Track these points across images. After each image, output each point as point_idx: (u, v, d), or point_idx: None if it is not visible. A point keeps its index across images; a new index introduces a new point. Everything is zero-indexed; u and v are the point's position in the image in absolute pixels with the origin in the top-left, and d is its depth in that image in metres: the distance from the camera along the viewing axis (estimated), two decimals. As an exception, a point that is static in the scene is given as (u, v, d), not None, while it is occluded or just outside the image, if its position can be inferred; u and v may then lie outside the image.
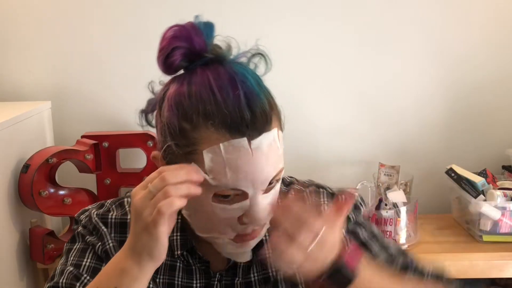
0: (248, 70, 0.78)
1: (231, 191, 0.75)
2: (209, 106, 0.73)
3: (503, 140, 1.93)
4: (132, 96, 1.88)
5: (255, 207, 0.76)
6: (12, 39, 1.87)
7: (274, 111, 0.78)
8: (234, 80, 0.74)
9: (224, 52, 0.79)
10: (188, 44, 0.77)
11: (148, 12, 1.85)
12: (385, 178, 1.74)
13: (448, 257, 1.59)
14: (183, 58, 0.77)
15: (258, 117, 0.73)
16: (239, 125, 0.72)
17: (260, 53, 0.81)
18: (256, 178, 0.74)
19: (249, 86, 0.74)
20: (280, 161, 0.77)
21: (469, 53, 1.89)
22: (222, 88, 0.73)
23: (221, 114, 0.72)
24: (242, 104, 0.72)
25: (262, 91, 0.77)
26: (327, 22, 1.87)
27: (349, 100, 1.92)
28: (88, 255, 0.87)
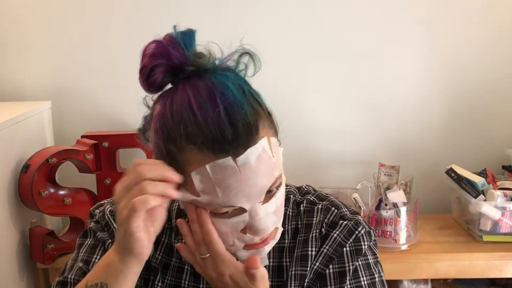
0: (230, 77, 0.76)
1: (225, 209, 0.75)
2: (190, 128, 0.71)
3: (503, 140, 1.93)
4: (132, 96, 1.88)
5: (256, 219, 0.75)
6: (12, 39, 1.87)
7: (262, 118, 0.75)
8: (213, 95, 0.72)
9: (205, 62, 0.76)
10: (167, 60, 0.76)
11: (148, 12, 1.85)
12: (385, 178, 1.74)
13: (448, 257, 1.59)
14: (164, 75, 0.77)
15: (241, 132, 0.71)
16: (222, 144, 0.70)
17: (247, 52, 0.79)
18: (248, 194, 0.73)
19: (229, 99, 0.72)
20: (274, 169, 0.75)
21: (469, 53, 1.89)
22: (202, 107, 0.71)
23: (203, 135, 0.71)
24: (222, 122, 0.70)
25: (246, 99, 0.74)
26: (327, 22, 1.87)
27: (349, 100, 1.92)
28: (98, 252, 0.88)
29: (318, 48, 1.88)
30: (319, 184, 1.84)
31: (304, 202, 0.92)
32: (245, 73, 0.80)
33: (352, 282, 0.85)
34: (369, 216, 1.62)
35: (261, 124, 0.74)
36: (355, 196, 1.68)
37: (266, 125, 0.76)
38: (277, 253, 0.89)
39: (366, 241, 0.88)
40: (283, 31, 1.84)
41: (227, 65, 0.79)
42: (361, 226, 0.88)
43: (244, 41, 0.79)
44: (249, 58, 0.79)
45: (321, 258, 0.87)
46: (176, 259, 0.89)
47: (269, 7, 1.85)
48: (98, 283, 0.75)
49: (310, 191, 0.95)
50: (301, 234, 0.89)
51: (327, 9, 1.86)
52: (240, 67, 0.79)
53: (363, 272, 0.86)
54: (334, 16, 1.87)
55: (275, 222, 0.78)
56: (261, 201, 0.76)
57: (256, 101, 0.77)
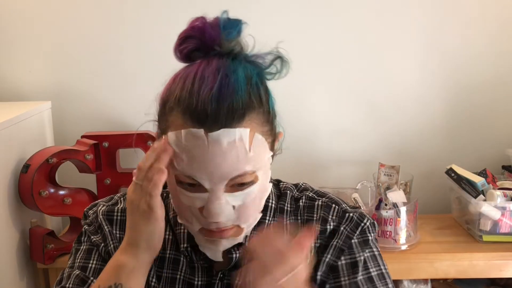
0: (246, 68, 0.78)
1: (187, 178, 0.77)
2: (184, 93, 0.76)
3: (503, 140, 1.93)
4: (132, 96, 1.89)
5: (212, 203, 0.76)
6: (12, 39, 1.87)
7: (254, 112, 0.76)
8: (218, 72, 0.75)
9: (231, 47, 0.79)
10: (201, 35, 0.79)
11: (148, 12, 1.85)
12: (385, 178, 1.74)
13: (448, 257, 1.59)
14: (193, 47, 0.80)
15: (223, 111, 0.73)
16: (201, 116, 0.73)
17: (280, 56, 0.82)
18: (210, 172, 0.75)
19: (230, 80, 0.75)
20: (246, 162, 0.76)
21: (469, 54, 1.89)
22: (202, 78, 0.75)
23: (189, 102, 0.74)
24: (211, 96, 0.73)
25: (248, 89, 0.76)
26: (327, 22, 1.87)
27: (349, 100, 1.92)
28: (94, 257, 0.89)
29: (318, 48, 1.88)
30: (319, 184, 1.83)
31: (303, 198, 0.93)
32: (273, 76, 0.83)
33: (364, 273, 0.87)
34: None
35: (249, 115, 0.76)
36: (355, 196, 1.68)
37: (257, 120, 0.77)
38: None
39: (372, 233, 0.90)
40: (283, 31, 1.84)
41: (256, 60, 0.81)
42: (365, 218, 0.90)
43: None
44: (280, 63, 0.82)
45: (332, 251, 0.88)
46: (171, 251, 0.89)
47: (269, 7, 1.85)
48: (111, 285, 0.77)
49: (308, 188, 0.96)
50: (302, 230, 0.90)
51: (327, 9, 1.86)
52: (271, 70, 0.82)
53: (371, 264, 0.88)
54: (334, 16, 1.87)
55: (232, 217, 0.79)
56: (223, 187, 0.76)
57: (259, 94, 0.78)
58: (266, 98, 0.80)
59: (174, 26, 0.85)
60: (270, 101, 0.81)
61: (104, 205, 0.94)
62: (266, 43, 0.83)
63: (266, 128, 0.79)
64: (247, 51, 0.82)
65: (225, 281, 0.88)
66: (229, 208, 0.78)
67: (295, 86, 1.88)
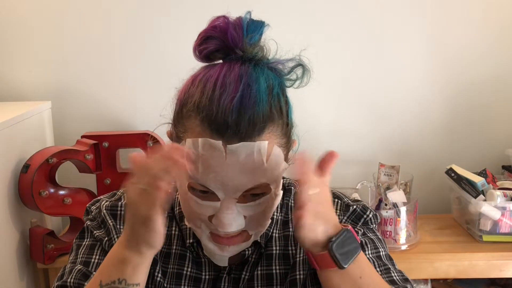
0: (268, 76, 0.77)
1: (200, 186, 0.76)
2: (204, 99, 0.74)
3: (503, 140, 1.93)
4: (132, 96, 1.89)
5: (223, 213, 0.76)
6: (12, 39, 1.87)
7: (274, 124, 0.76)
8: (240, 80, 0.74)
9: (254, 53, 0.78)
10: (223, 37, 0.78)
11: (149, 12, 1.85)
12: (385, 178, 1.74)
13: (448, 257, 1.59)
14: (214, 49, 0.78)
15: (244, 123, 0.72)
16: (220, 127, 0.72)
17: (301, 64, 0.81)
18: (225, 184, 0.74)
19: (252, 90, 0.73)
20: (262, 175, 0.75)
21: (469, 54, 1.89)
22: (224, 86, 0.74)
23: (210, 110, 0.72)
24: (232, 106, 0.72)
25: (269, 100, 0.75)
26: (327, 22, 1.87)
27: (349, 100, 1.92)
28: (97, 252, 0.88)
29: (318, 47, 1.88)
30: (319, 184, 1.84)
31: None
32: (293, 83, 0.82)
33: (373, 252, 0.87)
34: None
35: (269, 128, 0.75)
36: (355, 196, 1.68)
37: (276, 133, 0.76)
38: (282, 241, 0.89)
39: (374, 223, 0.91)
40: (283, 30, 1.84)
41: (277, 66, 0.80)
42: (368, 210, 0.91)
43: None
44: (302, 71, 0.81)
45: None
46: (177, 247, 0.89)
47: (268, 7, 1.85)
48: (115, 280, 0.75)
49: None
50: None
51: (327, 9, 1.86)
52: (291, 76, 0.81)
53: (379, 244, 0.89)
54: (334, 15, 1.87)
55: (242, 224, 0.78)
56: (236, 197, 0.76)
57: (279, 105, 0.77)
58: (286, 109, 0.80)
59: (175, 26, 0.85)
60: (290, 112, 0.81)
61: (107, 201, 0.93)
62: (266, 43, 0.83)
63: (284, 140, 0.79)
64: (269, 56, 0.80)
65: (233, 275, 0.88)
66: (240, 219, 0.77)
67: (295, 86, 1.88)
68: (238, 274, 0.88)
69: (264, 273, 0.88)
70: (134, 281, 0.75)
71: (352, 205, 0.91)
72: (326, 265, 0.74)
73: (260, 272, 0.88)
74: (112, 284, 0.75)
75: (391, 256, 0.90)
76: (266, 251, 0.88)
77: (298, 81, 0.82)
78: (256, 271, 0.88)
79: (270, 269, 0.88)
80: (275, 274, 0.88)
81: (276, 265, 0.88)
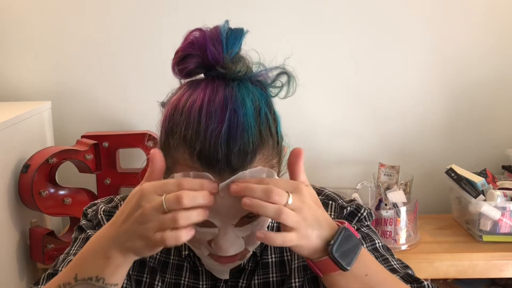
0: (253, 94, 0.74)
1: None
2: (190, 131, 0.70)
3: (503, 140, 1.93)
4: (132, 96, 1.89)
5: (222, 238, 0.74)
6: (12, 39, 1.87)
7: (264, 147, 0.73)
8: (225, 108, 0.70)
9: (237, 69, 0.74)
10: (202, 54, 0.74)
11: (148, 12, 1.85)
12: (385, 178, 1.74)
13: (448, 257, 1.59)
14: (195, 66, 0.75)
15: (234, 156, 0.69)
16: (210, 161, 0.69)
17: (286, 72, 0.78)
18: (222, 215, 0.73)
19: (238, 117, 0.70)
20: None
21: (469, 54, 1.89)
22: (209, 116, 0.70)
23: (198, 144, 0.70)
24: (220, 139, 0.69)
25: (257, 123, 0.72)
26: (327, 22, 1.87)
27: (349, 100, 1.92)
28: None
29: (318, 47, 1.88)
30: (319, 184, 1.82)
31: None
32: (278, 92, 0.78)
33: (369, 245, 0.87)
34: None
35: (260, 153, 0.72)
36: (355, 196, 1.68)
37: (267, 154, 0.74)
38: (278, 249, 0.89)
39: (369, 221, 0.91)
40: (283, 31, 1.84)
41: (261, 79, 0.77)
42: (362, 209, 0.90)
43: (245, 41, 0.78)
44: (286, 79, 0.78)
45: None
46: (175, 257, 0.89)
47: (269, 7, 1.85)
48: (92, 277, 0.71)
49: None
50: None
51: (327, 9, 1.86)
52: (276, 84, 0.78)
53: (374, 236, 0.89)
54: (335, 15, 1.87)
55: (241, 246, 0.76)
56: (233, 224, 0.74)
57: (268, 126, 0.74)
58: (275, 127, 0.76)
59: (175, 26, 0.84)
60: (278, 128, 0.78)
61: (104, 205, 0.93)
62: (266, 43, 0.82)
63: (275, 160, 0.77)
64: (252, 68, 0.77)
65: (230, 283, 0.88)
66: (239, 242, 0.76)
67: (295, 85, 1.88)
68: (235, 282, 0.88)
69: (261, 281, 0.88)
70: (113, 281, 0.71)
71: (346, 207, 0.90)
72: (329, 270, 0.72)
73: (257, 281, 0.87)
74: (88, 280, 0.71)
75: (388, 247, 0.90)
76: (262, 260, 0.88)
77: (284, 88, 0.78)
78: (253, 279, 0.87)
79: (267, 277, 0.88)
80: (271, 282, 0.87)
81: (273, 273, 0.87)
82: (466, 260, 1.59)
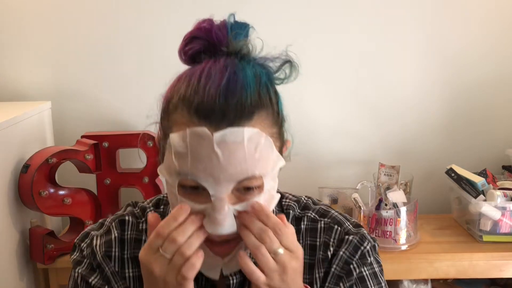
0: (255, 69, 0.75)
1: (190, 181, 0.72)
2: (189, 90, 0.72)
3: (503, 140, 1.93)
4: (132, 96, 1.89)
5: (217, 211, 0.71)
6: (12, 39, 1.87)
7: (263, 111, 0.73)
8: (226, 69, 0.72)
9: (239, 47, 0.76)
10: (208, 36, 0.76)
11: (149, 12, 1.85)
12: (385, 178, 1.74)
13: (448, 257, 1.59)
14: (200, 48, 0.76)
15: (231, 108, 0.69)
16: (207, 113, 0.69)
17: (289, 60, 0.79)
18: (216, 176, 0.70)
19: (238, 77, 0.71)
20: (254, 165, 0.71)
21: (469, 54, 1.89)
22: (209, 75, 0.72)
23: (195, 100, 0.71)
24: (218, 92, 0.70)
25: (257, 87, 0.72)
26: (328, 23, 1.87)
27: (350, 100, 1.92)
28: None
29: (318, 48, 1.88)
30: (319, 184, 1.84)
31: (305, 219, 0.89)
32: (282, 81, 0.80)
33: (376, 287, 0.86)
34: (369, 216, 1.62)
35: (258, 114, 0.72)
36: (355, 196, 1.68)
37: (266, 121, 0.73)
38: None
39: (372, 255, 0.87)
40: (283, 31, 1.84)
41: (264, 63, 0.78)
42: (366, 241, 0.86)
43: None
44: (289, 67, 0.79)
45: (330, 278, 0.86)
46: None
47: (269, 7, 1.85)
48: None
49: (310, 206, 0.91)
50: (306, 257, 0.86)
51: (327, 9, 1.86)
52: (280, 75, 0.79)
53: (371, 282, 0.86)
54: (334, 15, 1.87)
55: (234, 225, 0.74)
56: (228, 193, 0.72)
57: (268, 94, 0.75)
58: (276, 100, 0.76)
59: (175, 27, 0.85)
60: (280, 103, 0.78)
61: (97, 237, 0.87)
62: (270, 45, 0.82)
63: (274, 130, 0.75)
64: (256, 53, 0.78)
65: None
66: (232, 219, 0.73)
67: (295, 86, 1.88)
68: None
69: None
70: None
71: (350, 234, 0.86)
72: None
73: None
74: None
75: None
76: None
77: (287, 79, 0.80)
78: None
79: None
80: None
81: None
82: (466, 260, 1.59)
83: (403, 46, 1.89)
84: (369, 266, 0.86)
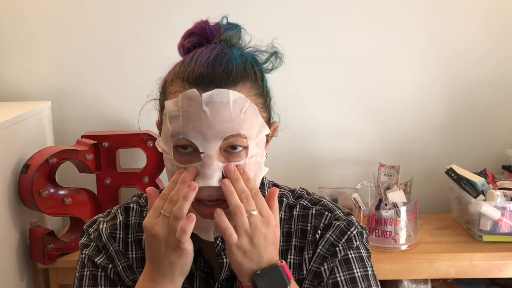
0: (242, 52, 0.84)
1: (181, 140, 0.78)
2: (182, 66, 0.82)
3: (503, 140, 1.93)
4: (132, 96, 1.89)
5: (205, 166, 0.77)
6: (13, 39, 1.87)
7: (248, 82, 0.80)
8: (215, 49, 0.81)
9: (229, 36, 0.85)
10: (202, 31, 0.86)
11: (149, 12, 1.85)
12: (385, 178, 1.74)
13: (448, 257, 1.59)
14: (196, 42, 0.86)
15: (218, 73, 0.78)
16: (197, 78, 0.78)
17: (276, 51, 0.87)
18: (204, 133, 0.77)
19: (225, 53, 0.80)
20: (240, 125, 0.78)
21: (469, 54, 1.89)
22: (201, 54, 0.81)
23: (187, 71, 0.80)
24: (207, 63, 0.79)
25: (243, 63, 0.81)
26: (327, 22, 1.87)
27: (349, 100, 1.92)
28: (101, 282, 0.89)
29: (318, 48, 1.88)
30: (319, 184, 1.84)
31: (297, 206, 0.93)
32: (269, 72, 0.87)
33: (346, 274, 0.86)
34: (369, 216, 1.62)
35: (242, 82, 0.80)
36: (355, 196, 1.68)
37: (251, 90, 0.81)
38: None
39: (358, 240, 0.89)
40: (284, 31, 1.84)
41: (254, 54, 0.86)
42: (353, 227, 0.89)
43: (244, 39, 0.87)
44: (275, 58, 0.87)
45: (315, 258, 0.88)
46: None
47: (269, 8, 1.85)
48: None
49: (303, 195, 0.95)
50: (296, 240, 0.90)
51: (327, 9, 1.86)
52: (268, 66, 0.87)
53: (356, 264, 0.87)
54: (334, 15, 1.87)
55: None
56: (216, 149, 0.78)
57: (253, 71, 0.83)
58: (261, 78, 0.84)
59: (174, 27, 0.87)
60: (265, 81, 0.85)
61: (104, 222, 0.94)
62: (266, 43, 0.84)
63: (259, 100, 0.82)
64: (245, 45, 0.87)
65: None
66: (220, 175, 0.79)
67: (295, 86, 1.88)
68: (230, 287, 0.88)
69: None
70: None
71: (339, 221, 0.89)
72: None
73: None
74: None
75: (370, 276, 0.88)
76: None
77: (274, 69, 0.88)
78: None
79: None
80: None
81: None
82: (466, 260, 1.59)
83: (403, 46, 1.89)
84: (355, 250, 0.88)
